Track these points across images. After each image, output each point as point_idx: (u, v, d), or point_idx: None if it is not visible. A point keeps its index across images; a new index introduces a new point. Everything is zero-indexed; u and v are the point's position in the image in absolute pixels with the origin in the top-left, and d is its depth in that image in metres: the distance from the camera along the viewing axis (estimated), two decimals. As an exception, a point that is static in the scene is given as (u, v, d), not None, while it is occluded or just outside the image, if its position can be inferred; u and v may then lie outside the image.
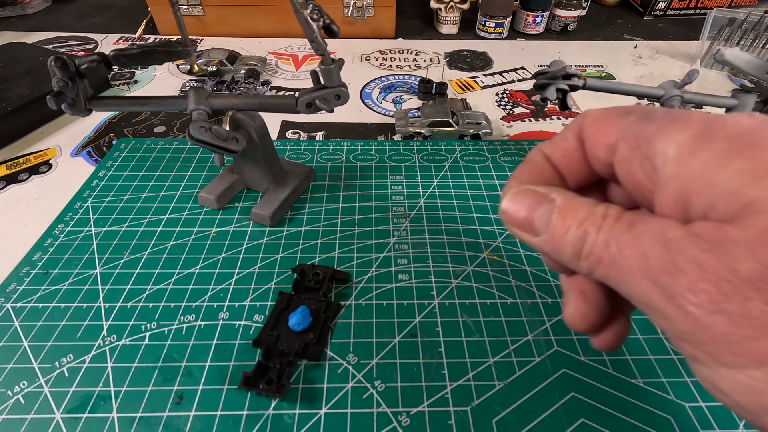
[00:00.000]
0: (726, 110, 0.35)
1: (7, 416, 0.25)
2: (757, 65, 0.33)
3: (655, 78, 0.61)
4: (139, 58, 0.31)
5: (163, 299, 0.31)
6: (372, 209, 0.38)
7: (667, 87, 0.33)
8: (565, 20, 0.72)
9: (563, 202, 0.16)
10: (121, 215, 0.37)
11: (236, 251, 0.35)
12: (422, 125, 0.46)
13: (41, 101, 0.46)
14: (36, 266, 0.33)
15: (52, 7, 0.79)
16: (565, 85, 0.34)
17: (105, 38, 0.69)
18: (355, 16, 0.68)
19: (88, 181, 0.41)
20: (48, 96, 0.29)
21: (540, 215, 0.17)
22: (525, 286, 0.32)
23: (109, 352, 0.28)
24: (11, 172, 0.43)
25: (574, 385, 0.27)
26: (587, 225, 0.15)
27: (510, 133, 0.50)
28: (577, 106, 0.54)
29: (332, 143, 0.46)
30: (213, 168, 0.42)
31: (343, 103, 0.32)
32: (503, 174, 0.42)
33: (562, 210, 0.16)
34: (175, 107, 0.33)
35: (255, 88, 0.57)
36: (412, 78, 0.60)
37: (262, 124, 0.35)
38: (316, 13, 0.27)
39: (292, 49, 0.66)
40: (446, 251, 0.35)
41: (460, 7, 0.71)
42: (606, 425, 0.25)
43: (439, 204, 0.39)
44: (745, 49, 0.61)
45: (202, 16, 0.68)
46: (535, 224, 0.17)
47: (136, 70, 0.59)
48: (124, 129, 0.49)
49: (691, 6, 0.79)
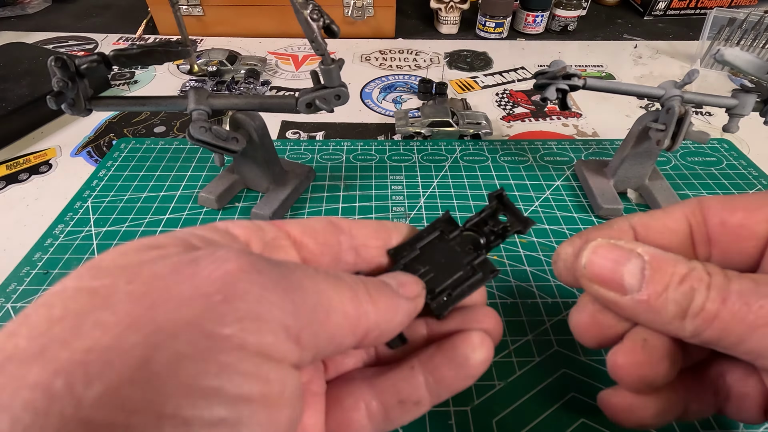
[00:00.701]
0: (726, 110, 0.35)
1: (7, 416, 0.25)
2: (757, 65, 0.33)
3: (655, 78, 0.61)
4: (139, 58, 0.31)
5: (163, 299, 0.31)
6: (372, 209, 0.38)
7: (667, 87, 0.33)
8: (565, 20, 0.72)
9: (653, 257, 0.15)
10: (121, 215, 0.37)
11: (236, 251, 0.34)
12: (422, 125, 0.46)
13: (41, 101, 0.46)
14: (36, 266, 0.33)
15: (52, 7, 0.79)
16: (565, 85, 0.34)
17: (105, 38, 0.69)
18: (355, 16, 0.68)
19: (88, 181, 0.41)
20: (48, 96, 0.29)
21: (631, 270, 0.15)
22: (525, 286, 0.32)
23: (109, 352, 0.28)
24: (11, 172, 0.43)
25: (574, 385, 0.27)
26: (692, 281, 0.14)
27: (510, 133, 0.50)
28: (577, 106, 0.54)
29: (332, 143, 0.46)
30: (213, 168, 0.42)
31: (343, 103, 0.32)
32: (503, 174, 0.42)
33: (655, 265, 0.15)
34: (175, 107, 0.33)
35: (255, 88, 0.57)
36: (412, 78, 0.60)
37: (262, 124, 0.35)
38: (316, 13, 0.27)
39: (292, 49, 0.66)
40: (446, 251, 0.35)
41: (460, 7, 0.71)
42: (606, 425, 0.25)
43: (439, 204, 0.39)
44: (745, 49, 0.61)
45: (202, 16, 0.68)
46: (624, 281, 0.15)
47: (136, 70, 0.59)
48: (124, 129, 0.49)
49: (691, 6, 0.79)
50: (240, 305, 0.11)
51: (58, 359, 0.10)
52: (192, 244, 0.13)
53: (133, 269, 0.12)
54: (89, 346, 0.10)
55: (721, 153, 0.45)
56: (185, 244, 0.13)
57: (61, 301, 0.11)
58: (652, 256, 0.15)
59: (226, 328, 0.10)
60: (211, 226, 0.15)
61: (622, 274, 0.15)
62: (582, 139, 0.48)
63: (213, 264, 0.12)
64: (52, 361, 0.10)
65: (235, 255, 0.12)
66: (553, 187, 0.41)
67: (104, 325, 0.10)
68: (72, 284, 0.11)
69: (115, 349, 0.10)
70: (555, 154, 0.45)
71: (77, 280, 0.12)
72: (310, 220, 0.18)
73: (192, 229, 0.14)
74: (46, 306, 0.11)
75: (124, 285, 0.11)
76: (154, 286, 0.11)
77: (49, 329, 0.10)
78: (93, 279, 0.11)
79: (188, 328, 0.10)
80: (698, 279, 0.14)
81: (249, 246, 0.15)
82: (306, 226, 0.17)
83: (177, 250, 0.12)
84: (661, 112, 0.33)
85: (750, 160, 0.44)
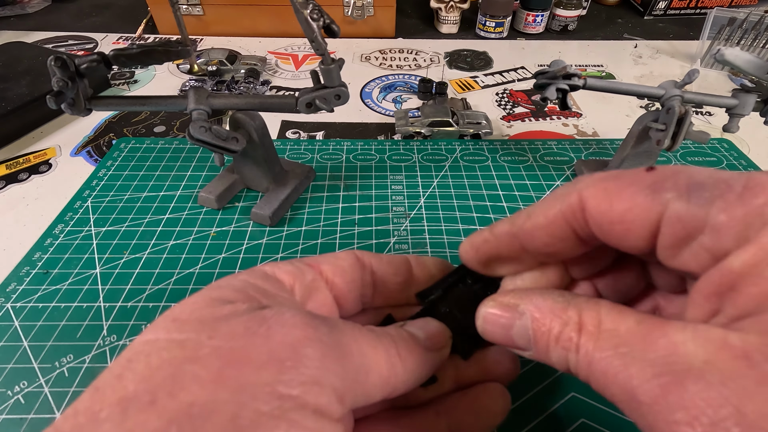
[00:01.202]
0: (726, 110, 0.35)
1: (7, 416, 0.25)
2: (757, 65, 0.33)
3: (655, 78, 0.61)
4: (139, 58, 0.31)
5: (163, 299, 0.31)
6: (372, 209, 0.38)
7: (667, 87, 0.33)
8: (565, 20, 0.72)
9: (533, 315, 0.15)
10: (121, 215, 0.37)
11: (236, 251, 0.34)
12: (422, 125, 0.46)
13: (41, 101, 0.46)
14: (36, 266, 0.33)
15: (52, 7, 0.79)
16: (566, 85, 0.34)
17: (105, 38, 0.69)
18: (355, 16, 0.68)
19: (88, 180, 0.41)
20: (48, 96, 0.29)
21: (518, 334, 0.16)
22: (525, 286, 0.32)
23: (109, 352, 0.28)
24: (11, 171, 0.43)
25: (574, 385, 0.27)
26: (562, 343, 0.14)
27: (510, 132, 0.50)
28: (577, 105, 0.54)
29: (332, 143, 0.46)
30: (213, 168, 0.42)
31: (343, 103, 0.32)
32: (503, 174, 0.42)
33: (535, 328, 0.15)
34: (175, 107, 0.33)
35: (255, 88, 0.57)
36: (412, 78, 0.60)
37: (262, 124, 0.35)
38: (316, 13, 0.27)
39: (292, 49, 0.66)
40: (446, 251, 0.35)
41: (460, 6, 0.71)
42: (606, 425, 0.25)
43: (439, 204, 0.39)
44: (746, 48, 0.61)
45: (202, 16, 0.68)
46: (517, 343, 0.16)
47: (135, 70, 0.59)
48: (124, 129, 0.49)
49: (692, 6, 0.79)
50: (305, 371, 0.13)
51: (169, 409, 0.12)
52: (253, 297, 0.16)
53: (211, 324, 0.14)
54: (192, 400, 0.12)
55: (721, 153, 0.45)
56: (248, 297, 0.15)
57: (155, 351, 0.13)
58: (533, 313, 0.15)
59: (294, 390, 0.13)
60: (261, 274, 0.17)
61: (512, 338, 0.16)
62: (582, 139, 0.48)
63: (283, 329, 0.14)
64: (165, 411, 0.12)
65: (300, 321, 0.14)
66: (554, 186, 0.41)
67: (200, 381, 0.12)
68: (162, 336, 0.14)
69: (211, 404, 0.12)
70: (555, 153, 0.45)
71: (165, 332, 0.14)
72: (339, 257, 0.20)
73: (246, 278, 0.17)
74: (144, 354, 0.13)
75: (207, 339, 0.13)
76: (234, 345, 0.13)
77: (151, 376, 0.12)
78: (178, 332, 0.14)
79: (266, 389, 0.12)
80: (568, 340, 0.14)
81: (293, 290, 0.17)
82: (336, 265, 0.19)
83: (244, 307, 0.15)
84: (661, 112, 0.33)
85: (750, 160, 0.44)
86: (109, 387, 0.13)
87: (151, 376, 0.12)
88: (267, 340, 0.13)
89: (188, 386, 0.12)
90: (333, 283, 0.19)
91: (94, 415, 0.12)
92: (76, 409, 0.12)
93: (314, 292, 0.18)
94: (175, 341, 0.13)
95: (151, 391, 0.12)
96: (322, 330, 0.14)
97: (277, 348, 0.13)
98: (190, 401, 0.12)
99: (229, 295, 0.15)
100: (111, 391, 0.12)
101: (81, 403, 0.12)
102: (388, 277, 0.21)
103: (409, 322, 0.20)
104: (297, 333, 0.14)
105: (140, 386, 0.12)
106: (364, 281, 0.20)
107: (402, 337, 0.17)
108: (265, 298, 0.16)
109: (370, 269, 0.20)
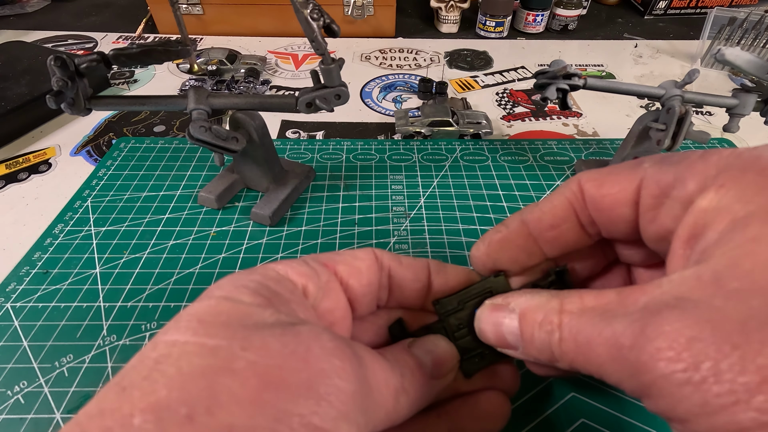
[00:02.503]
0: (726, 110, 0.35)
1: (7, 416, 0.25)
2: (757, 65, 0.33)
3: (656, 77, 0.61)
4: (139, 58, 0.31)
5: (163, 299, 0.31)
6: (372, 209, 0.38)
7: (667, 86, 0.33)
8: (566, 19, 0.72)
9: (521, 309, 0.16)
10: (120, 215, 0.37)
11: (236, 251, 0.34)
12: (422, 125, 0.46)
13: (41, 100, 0.46)
14: (36, 266, 0.33)
15: (52, 6, 0.79)
16: (566, 85, 0.34)
17: (104, 37, 0.69)
18: (355, 15, 0.68)
19: (88, 180, 0.41)
20: (47, 95, 0.29)
21: (508, 331, 0.17)
22: (525, 286, 0.32)
23: (109, 352, 0.28)
24: (11, 171, 0.43)
25: (574, 385, 0.27)
26: (546, 326, 0.15)
27: (510, 132, 0.50)
28: (577, 105, 0.54)
29: (332, 143, 0.46)
30: (213, 168, 0.42)
31: (343, 103, 0.32)
32: (503, 174, 0.42)
33: (522, 319, 0.16)
34: (175, 107, 0.32)
35: (255, 88, 0.57)
36: (412, 77, 0.60)
37: (262, 124, 0.35)
38: (316, 13, 0.27)
39: (292, 48, 0.66)
40: (446, 251, 0.35)
41: (461, 6, 0.71)
42: (606, 425, 0.25)
43: (439, 204, 0.39)
44: (746, 48, 0.61)
45: (202, 15, 0.68)
46: (508, 341, 0.17)
47: (135, 70, 0.59)
48: (124, 128, 0.49)
49: (692, 5, 0.79)
50: (339, 405, 0.13)
51: (209, 429, 0.11)
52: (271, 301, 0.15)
53: (241, 333, 0.13)
54: (231, 422, 0.11)
55: (721, 153, 0.45)
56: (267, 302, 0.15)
57: (185, 355, 0.13)
58: (521, 307, 0.17)
59: (327, 424, 0.13)
60: (274, 275, 0.16)
61: (504, 335, 0.17)
62: (582, 138, 0.48)
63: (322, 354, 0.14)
64: (205, 430, 0.11)
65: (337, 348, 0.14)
66: (554, 186, 0.41)
67: (238, 400, 0.12)
68: (190, 339, 0.13)
69: (250, 430, 0.11)
70: (555, 153, 0.45)
71: (193, 334, 0.13)
72: (358, 256, 0.19)
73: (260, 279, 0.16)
74: (173, 357, 0.13)
75: (240, 351, 0.13)
76: (271, 363, 0.13)
77: (185, 385, 0.12)
78: (208, 336, 0.13)
79: (302, 420, 0.12)
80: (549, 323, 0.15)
81: (306, 292, 0.17)
82: (353, 266, 0.19)
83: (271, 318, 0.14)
84: (661, 111, 0.33)
85: (750, 160, 0.44)
86: (137, 388, 0.12)
87: (185, 384, 0.12)
88: (306, 365, 0.13)
89: (226, 405, 0.12)
90: (348, 285, 0.19)
91: (124, 419, 0.11)
92: (101, 409, 0.12)
93: (328, 294, 0.18)
94: (206, 347, 0.13)
95: (187, 403, 0.11)
96: (354, 362, 0.14)
97: (315, 377, 0.13)
98: (229, 423, 0.11)
99: (247, 298, 0.15)
100: (139, 393, 0.12)
101: (106, 402, 0.12)
102: (405, 283, 0.20)
103: (418, 341, 0.19)
104: (335, 363, 0.14)
105: (173, 394, 0.12)
106: (380, 284, 0.20)
107: (409, 366, 0.17)
108: (281, 303, 0.16)
109: (388, 272, 0.20)
